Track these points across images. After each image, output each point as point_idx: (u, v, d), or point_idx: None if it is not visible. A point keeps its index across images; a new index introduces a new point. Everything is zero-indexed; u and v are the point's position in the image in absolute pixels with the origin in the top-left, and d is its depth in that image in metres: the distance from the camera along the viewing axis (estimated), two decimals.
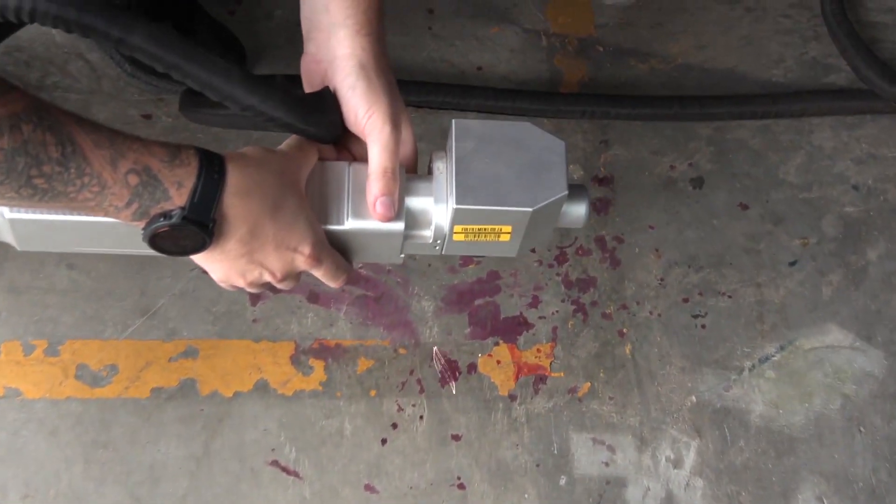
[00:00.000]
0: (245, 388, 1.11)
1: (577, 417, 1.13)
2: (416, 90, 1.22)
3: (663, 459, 1.12)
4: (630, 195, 1.27)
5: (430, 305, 1.18)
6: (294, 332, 1.14)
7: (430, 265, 1.19)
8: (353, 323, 1.15)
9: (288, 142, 0.60)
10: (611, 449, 1.12)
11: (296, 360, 1.13)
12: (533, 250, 1.19)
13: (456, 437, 1.11)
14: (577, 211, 0.63)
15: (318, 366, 1.13)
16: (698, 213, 1.26)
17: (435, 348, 1.14)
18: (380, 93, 0.59)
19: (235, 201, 0.52)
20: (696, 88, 1.33)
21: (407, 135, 0.62)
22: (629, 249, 1.24)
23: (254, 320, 1.14)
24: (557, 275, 1.21)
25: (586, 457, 1.11)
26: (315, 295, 1.16)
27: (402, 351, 1.14)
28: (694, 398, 1.16)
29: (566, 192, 0.58)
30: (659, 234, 1.25)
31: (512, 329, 1.17)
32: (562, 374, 1.15)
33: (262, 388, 1.11)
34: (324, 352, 1.13)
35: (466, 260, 1.19)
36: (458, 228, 0.59)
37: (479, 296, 1.18)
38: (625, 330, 1.19)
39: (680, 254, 1.24)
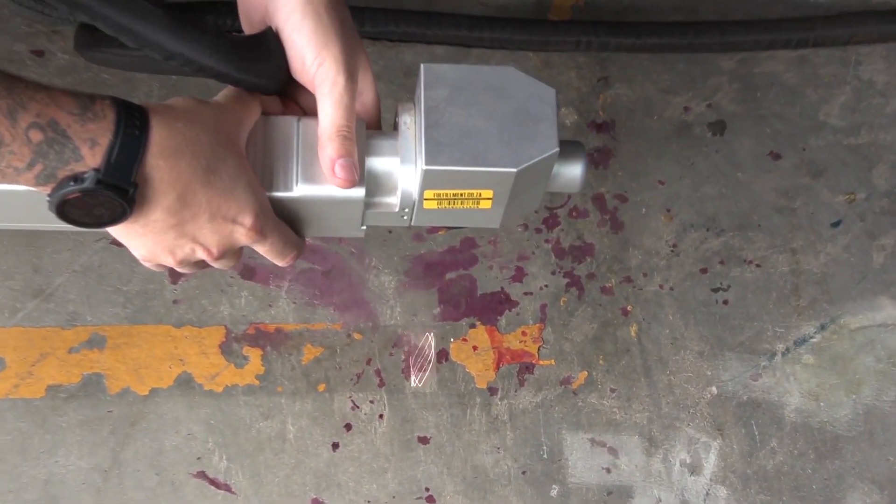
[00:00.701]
0: (164, 384, 1.02)
1: (571, 414, 1.06)
2: (371, 19, 1.10)
3: (677, 464, 1.05)
4: (635, 144, 1.18)
5: (390, 280, 1.09)
6: (224, 315, 1.05)
7: (390, 232, 1.10)
8: (298, 303, 1.06)
9: (224, 92, 0.56)
10: (613, 452, 1.05)
11: (227, 349, 1.04)
12: None
13: (423, 440, 1.03)
14: (572, 172, 0.60)
15: (254, 355, 1.04)
16: (719, 164, 1.18)
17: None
18: (331, 34, 0.54)
19: (161, 162, 0.49)
20: (716, 12, 1.22)
21: (366, 83, 0.59)
22: (634, 210, 1.16)
23: (174, 301, 1.05)
24: (546, 241, 1.12)
25: (583, 461, 1.04)
26: (250, 269, 1.07)
27: (357, 336, 1.06)
28: (714, 389, 1.08)
29: (557, 149, 0.55)
30: (670, 190, 1.16)
31: (491, 308, 1.09)
32: (552, 362, 1.08)
33: (185, 383, 1.02)
34: (261, 338, 1.05)
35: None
36: (429, 194, 0.56)
37: (450, 268, 1.10)
38: (629, 307, 1.11)
39: (696, 214, 1.16)
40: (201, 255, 0.55)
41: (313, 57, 0.54)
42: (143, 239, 0.53)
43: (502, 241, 1.12)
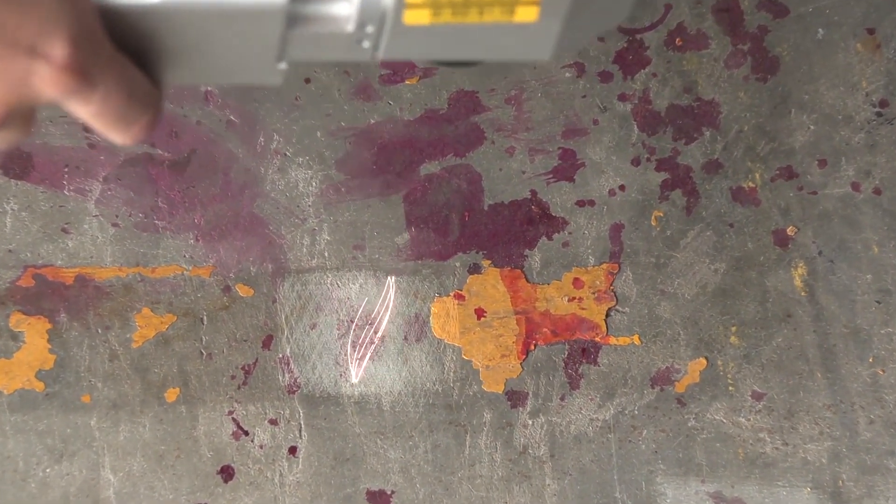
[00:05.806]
0: None
1: (674, 443, 0.79)
2: None
3: None
4: None
5: (310, 178, 0.76)
6: None
7: (311, 79, 0.74)
8: (123, 225, 0.74)
9: None
10: None
11: None
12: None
13: (378, 497, 0.72)
14: None
15: (32, 331, 0.71)
16: None
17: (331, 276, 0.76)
18: None
19: None
20: None
21: None
22: (799, 31, 0.84)
23: None
24: (622, 98, 0.80)
25: None
26: (24, 158, 0.77)
27: (242, 291, 0.73)
28: None
29: None
30: None
31: (513, 234, 0.79)
32: (635, 340, 0.77)
33: None
34: (48, 296, 0.73)
35: (400, 64, 0.77)
36: None
37: (429, 153, 0.78)
38: (791, 230, 0.80)
39: None
40: None
41: None
42: None
43: (533, 98, 0.81)
